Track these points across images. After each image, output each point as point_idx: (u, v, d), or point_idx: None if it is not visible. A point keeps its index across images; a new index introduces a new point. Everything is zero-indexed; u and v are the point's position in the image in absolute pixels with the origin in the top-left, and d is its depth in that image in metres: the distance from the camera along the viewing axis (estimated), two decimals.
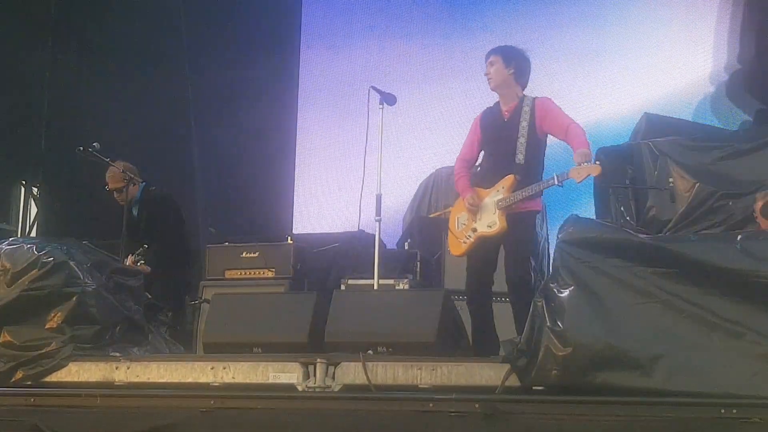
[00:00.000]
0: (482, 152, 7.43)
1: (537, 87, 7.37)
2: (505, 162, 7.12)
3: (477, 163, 7.51)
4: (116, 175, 9.04)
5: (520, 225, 7.09)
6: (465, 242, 7.19)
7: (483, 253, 7.16)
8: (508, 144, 7.13)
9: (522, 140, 7.08)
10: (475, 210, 7.12)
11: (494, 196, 7.09)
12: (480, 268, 7.19)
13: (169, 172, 9.26)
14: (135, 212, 9.18)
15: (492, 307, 7.22)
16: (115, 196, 9.10)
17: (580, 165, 6.81)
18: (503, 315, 7.21)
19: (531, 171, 7.10)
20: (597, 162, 6.82)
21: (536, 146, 7.16)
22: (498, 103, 7.35)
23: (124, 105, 11.89)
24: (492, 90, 7.33)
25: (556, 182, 6.95)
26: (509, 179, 7.06)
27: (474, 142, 7.40)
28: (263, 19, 12.72)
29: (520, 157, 7.07)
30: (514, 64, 7.26)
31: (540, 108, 7.16)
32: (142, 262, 8.58)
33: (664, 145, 7.89)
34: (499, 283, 7.24)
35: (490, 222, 7.07)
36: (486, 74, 7.31)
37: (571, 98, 10.39)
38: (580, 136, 7.02)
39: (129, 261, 8.54)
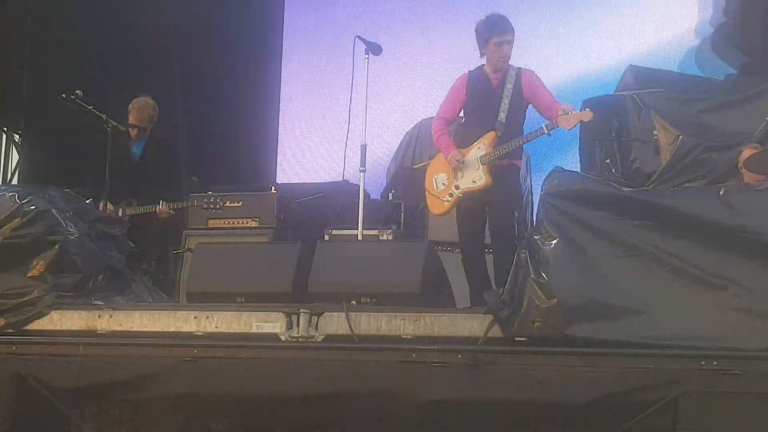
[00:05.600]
0: (462, 114, 7.47)
1: (521, 42, 7.33)
2: (486, 120, 7.20)
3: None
4: (149, 112, 8.96)
5: (503, 179, 7.18)
6: (447, 201, 7.24)
7: (471, 209, 7.24)
8: (493, 105, 7.19)
9: (506, 101, 7.17)
10: (460, 167, 7.12)
11: (476, 153, 7.17)
12: (470, 225, 7.28)
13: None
14: (137, 151, 9.04)
15: (485, 260, 7.25)
16: (130, 130, 8.96)
17: (567, 113, 6.85)
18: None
19: (511, 129, 7.19)
20: (587, 109, 6.84)
21: (518, 109, 7.24)
22: (483, 69, 7.36)
23: (108, 53, 11.80)
24: (501, 66, 7.28)
25: (546, 132, 7.01)
26: (490, 135, 7.14)
27: (457, 105, 7.43)
28: None
29: (501, 116, 7.16)
30: None
31: (526, 79, 7.24)
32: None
33: (648, 98, 7.86)
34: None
35: (475, 177, 7.14)
36: (501, 56, 7.23)
37: (555, 51, 10.39)
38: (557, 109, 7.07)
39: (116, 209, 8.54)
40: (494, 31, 7.23)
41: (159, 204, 8.62)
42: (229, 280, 6.80)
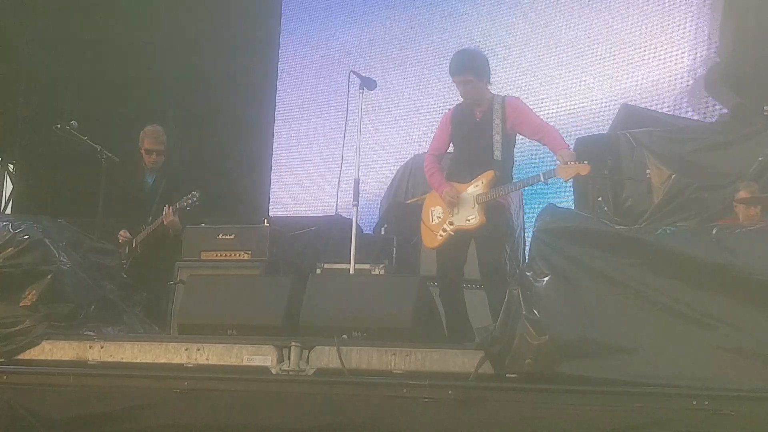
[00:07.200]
0: (452, 146, 7.45)
1: (517, 77, 7.38)
2: (482, 157, 7.17)
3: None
4: (161, 136, 9.02)
5: (493, 213, 7.12)
6: (441, 235, 7.21)
7: (454, 244, 7.20)
8: (484, 140, 7.17)
9: (497, 137, 7.13)
10: (454, 204, 7.12)
11: (473, 191, 7.13)
12: (452, 260, 7.23)
13: None
14: (151, 180, 9.08)
15: (464, 296, 7.24)
16: (145, 157, 9.02)
17: (567, 164, 6.82)
18: (474, 302, 7.24)
19: (506, 167, 7.20)
20: (585, 162, 6.81)
21: (509, 143, 7.23)
22: (468, 103, 7.34)
23: (103, 86, 11.84)
24: (470, 102, 7.29)
25: (542, 179, 6.96)
26: (489, 175, 7.11)
27: (444, 139, 7.43)
28: (243, 2, 12.66)
29: (497, 154, 7.12)
30: (486, 74, 7.25)
31: (510, 108, 7.20)
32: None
33: (642, 136, 7.92)
34: (472, 271, 7.27)
35: (469, 216, 7.10)
36: (462, 94, 7.26)
37: (548, 88, 10.43)
38: (557, 137, 7.10)
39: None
40: (450, 72, 7.29)
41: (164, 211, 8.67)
42: (220, 313, 6.78)
